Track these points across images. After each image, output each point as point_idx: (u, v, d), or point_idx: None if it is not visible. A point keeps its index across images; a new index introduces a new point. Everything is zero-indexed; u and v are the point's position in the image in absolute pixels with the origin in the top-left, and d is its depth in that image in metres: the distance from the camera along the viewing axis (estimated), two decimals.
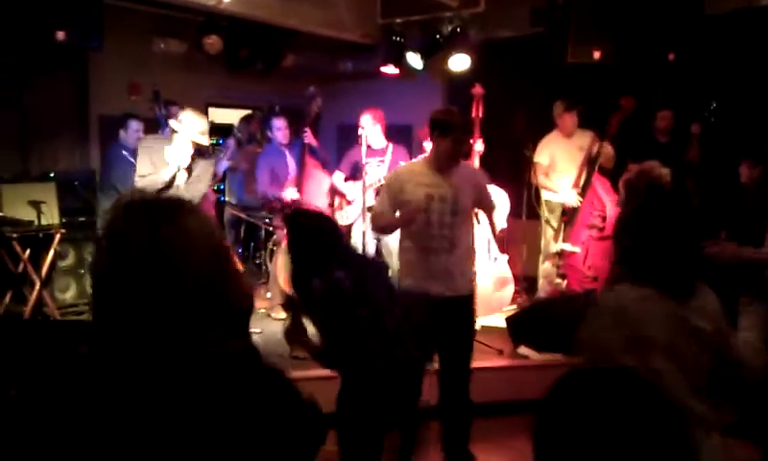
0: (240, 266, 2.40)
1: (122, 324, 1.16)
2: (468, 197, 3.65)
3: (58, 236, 5.50)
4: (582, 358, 2.11)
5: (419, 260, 3.62)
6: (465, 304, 3.67)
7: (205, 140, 4.59)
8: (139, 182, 4.44)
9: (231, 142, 6.40)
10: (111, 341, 1.16)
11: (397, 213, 3.70)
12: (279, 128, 6.00)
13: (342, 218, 5.89)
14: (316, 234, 3.05)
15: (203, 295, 1.18)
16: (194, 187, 4.58)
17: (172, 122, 4.58)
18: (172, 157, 4.45)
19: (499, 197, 5.34)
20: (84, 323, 4.82)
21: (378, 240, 5.79)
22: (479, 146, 5.54)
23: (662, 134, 5.82)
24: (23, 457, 1.10)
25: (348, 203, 5.88)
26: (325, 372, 3.14)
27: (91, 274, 1.26)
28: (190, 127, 4.46)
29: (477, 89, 5.62)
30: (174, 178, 4.46)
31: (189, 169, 4.56)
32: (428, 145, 5.79)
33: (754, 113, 5.64)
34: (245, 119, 7.50)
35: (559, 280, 5.62)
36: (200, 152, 4.63)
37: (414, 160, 4.16)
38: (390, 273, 5.73)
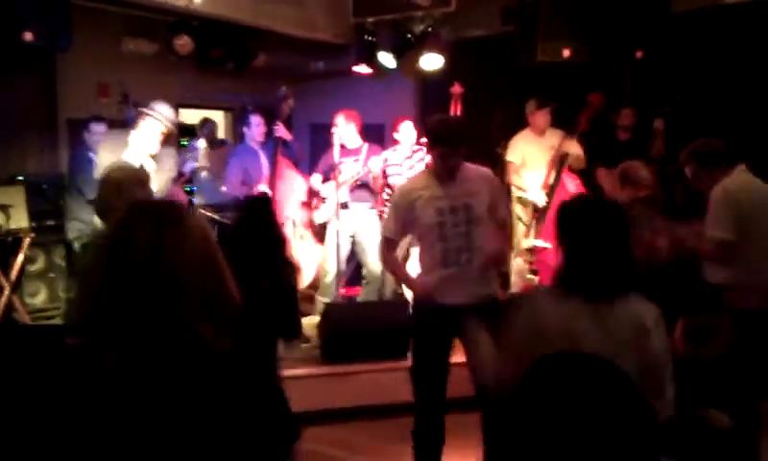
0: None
1: (122, 320, 1.22)
2: (482, 204, 3.48)
3: (27, 240, 5.42)
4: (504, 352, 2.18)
5: (437, 274, 3.47)
6: (486, 309, 3.41)
7: (173, 128, 4.62)
8: None
9: (199, 144, 6.35)
10: (109, 336, 1.21)
11: (407, 238, 3.69)
12: (257, 124, 5.98)
13: (317, 217, 5.91)
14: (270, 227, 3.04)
15: (200, 294, 1.25)
16: (163, 176, 4.56)
17: (144, 109, 4.52)
18: (139, 144, 4.40)
19: None
20: (56, 327, 4.77)
21: (353, 237, 5.80)
22: None
23: (624, 132, 5.85)
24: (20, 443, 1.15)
25: (323, 201, 5.88)
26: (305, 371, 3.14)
27: (91, 272, 1.32)
28: (162, 114, 4.46)
29: (456, 88, 5.65)
30: (142, 166, 4.43)
31: (154, 156, 4.51)
32: (398, 136, 5.85)
33: (720, 110, 5.74)
34: (203, 122, 7.48)
35: (531, 276, 5.67)
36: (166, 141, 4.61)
37: (418, 173, 4.06)
38: (365, 271, 5.82)
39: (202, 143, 6.15)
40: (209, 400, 1.21)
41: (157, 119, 4.44)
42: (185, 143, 7.25)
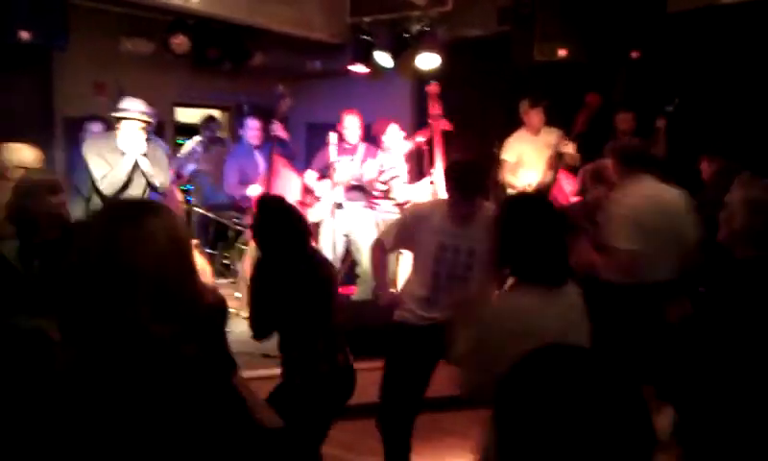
0: (208, 266, 2.41)
1: (79, 317, 1.21)
2: (489, 251, 3.45)
3: None
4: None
5: (421, 299, 3.43)
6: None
7: (150, 119, 4.61)
8: (103, 184, 4.40)
9: (199, 147, 6.37)
10: (69, 332, 1.21)
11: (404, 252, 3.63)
12: (253, 128, 6.01)
13: (312, 215, 5.90)
14: (285, 217, 3.04)
15: (158, 295, 1.22)
16: (162, 172, 4.62)
17: (116, 112, 4.52)
18: (127, 146, 4.42)
19: None
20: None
21: (347, 236, 5.81)
22: (439, 167, 5.60)
23: (624, 135, 5.86)
24: None
25: (317, 199, 5.89)
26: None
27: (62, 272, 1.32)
28: (132, 109, 4.46)
29: (432, 87, 5.66)
30: (136, 166, 4.44)
31: (146, 154, 4.54)
32: (386, 139, 5.87)
33: (716, 109, 5.75)
34: (208, 121, 7.47)
35: None
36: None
37: (439, 200, 3.95)
38: (359, 270, 5.82)
39: (200, 147, 6.18)
40: (161, 405, 1.18)
41: (132, 118, 4.44)
42: (181, 141, 7.26)
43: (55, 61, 6.57)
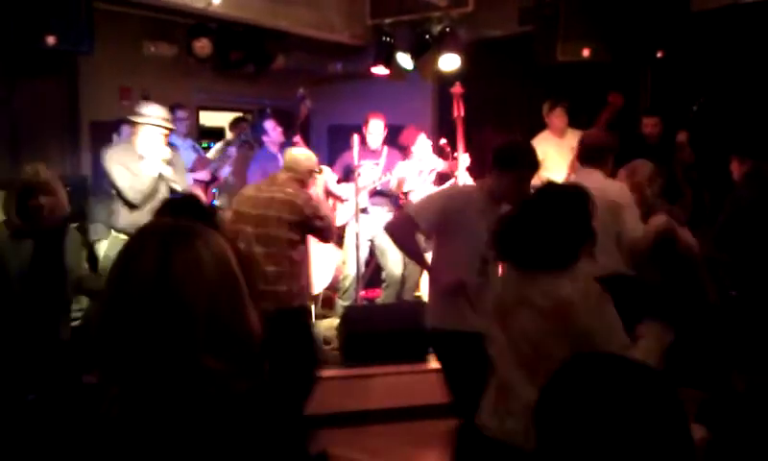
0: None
1: (124, 351, 1.13)
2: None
3: None
4: None
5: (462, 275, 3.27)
6: None
7: (172, 126, 4.67)
8: (129, 193, 4.38)
9: (233, 150, 6.39)
10: (112, 368, 1.15)
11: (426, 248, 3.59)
12: (273, 128, 6.05)
13: (336, 219, 5.91)
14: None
15: (210, 326, 1.14)
16: (182, 177, 4.66)
17: (137, 118, 4.52)
18: (150, 153, 4.42)
19: None
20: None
21: (372, 241, 5.81)
22: (465, 159, 5.59)
23: (650, 138, 5.81)
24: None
25: (342, 202, 5.90)
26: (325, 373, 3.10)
27: (100, 297, 1.23)
28: (155, 116, 4.47)
29: (456, 88, 5.64)
30: (160, 174, 4.46)
31: (168, 161, 4.54)
32: (416, 149, 5.86)
33: (742, 108, 5.69)
34: (236, 122, 7.49)
35: None
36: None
37: (471, 186, 3.77)
38: (384, 274, 5.82)
39: (233, 150, 6.21)
40: (215, 446, 1.10)
41: (154, 125, 4.45)
42: (205, 145, 7.30)
43: (81, 66, 6.64)
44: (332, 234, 4.56)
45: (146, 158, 4.41)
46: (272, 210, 4.03)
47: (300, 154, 4.31)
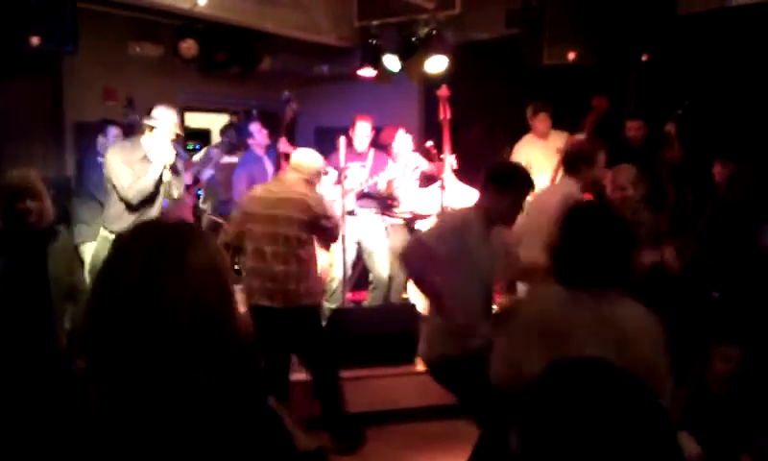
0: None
1: (108, 359, 1.11)
2: (501, 267, 3.35)
3: None
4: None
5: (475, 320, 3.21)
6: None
7: (180, 131, 4.72)
8: (130, 192, 4.42)
9: (216, 151, 6.38)
10: (97, 372, 1.12)
11: None
12: (258, 131, 6.05)
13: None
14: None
15: (196, 336, 1.10)
16: (180, 184, 4.71)
17: (149, 121, 4.56)
18: (157, 156, 4.47)
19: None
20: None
21: (359, 243, 5.80)
22: (451, 161, 5.60)
23: (635, 141, 5.84)
24: None
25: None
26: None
27: (86, 304, 1.20)
28: (167, 121, 4.51)
29: (443, 91, 5.64)
30: (161, 175, 4.49)
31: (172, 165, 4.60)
32: (396, 146, 5.86)
33: (727, 112, 5.74)
34: (228, 127, 7.48)
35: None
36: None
37: (467, 210, 3.53)
38: (371, 277, 5.82)
39: (216, 152, 6.19)
40: (197, 453, 1.08)
41: (165, 127, 4.49)
42: (191, 147, 7.26)
43: (64, 66, 6.58)
44: (338, 235, 4.61)
45: (153, 161, 4.46)
46: (282, 210, 4.07)
47: (308, 155, 4.32)
